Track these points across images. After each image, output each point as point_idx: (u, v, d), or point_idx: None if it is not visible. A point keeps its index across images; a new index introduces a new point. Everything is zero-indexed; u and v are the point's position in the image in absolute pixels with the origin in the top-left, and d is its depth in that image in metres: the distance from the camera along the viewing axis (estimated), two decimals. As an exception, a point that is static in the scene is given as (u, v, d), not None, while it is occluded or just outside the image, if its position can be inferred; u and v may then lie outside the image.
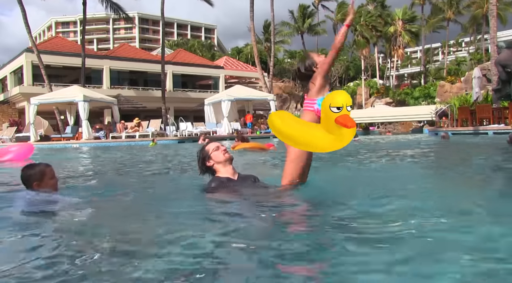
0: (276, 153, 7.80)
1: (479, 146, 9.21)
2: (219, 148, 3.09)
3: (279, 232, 2.04)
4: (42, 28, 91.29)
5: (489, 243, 1.71)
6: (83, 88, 22.09)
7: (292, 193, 2.91)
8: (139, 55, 35.40)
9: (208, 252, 1.70)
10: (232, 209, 2.59)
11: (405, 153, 7.41)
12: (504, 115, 14.56)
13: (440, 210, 2.31)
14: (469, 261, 1.47)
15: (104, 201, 3.15)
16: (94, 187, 4.17)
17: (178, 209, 2.68)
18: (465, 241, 1.74)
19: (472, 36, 52.58)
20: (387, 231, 1.91)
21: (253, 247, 1.76)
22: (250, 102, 25.28)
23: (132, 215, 2.61)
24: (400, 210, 2.36)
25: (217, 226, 2.18)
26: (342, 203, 2.63)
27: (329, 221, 2.21)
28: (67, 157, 10.46)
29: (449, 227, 1.97)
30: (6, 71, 32.13)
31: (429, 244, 1.70)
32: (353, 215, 2.32)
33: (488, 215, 2.25)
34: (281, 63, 54.57)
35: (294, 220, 2.35)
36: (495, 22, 17.54)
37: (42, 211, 2.62)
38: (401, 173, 4.51)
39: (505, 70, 12.43)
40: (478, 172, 4.41)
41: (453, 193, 3.00)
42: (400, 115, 26.82)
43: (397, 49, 42.68)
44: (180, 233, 2.01)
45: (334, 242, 1.79)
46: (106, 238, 1.98)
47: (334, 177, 4.13)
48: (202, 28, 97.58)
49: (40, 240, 2.01)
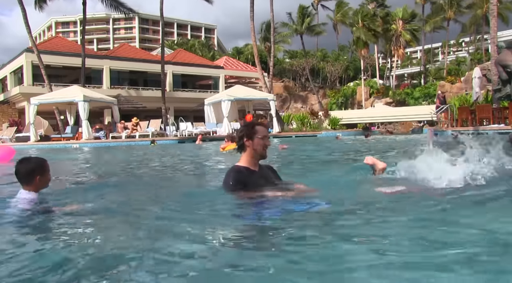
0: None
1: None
2: (265, 138, 2.97)
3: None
4: (42, 28, 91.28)
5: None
6: (83, 88, 22.08)
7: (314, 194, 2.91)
8: (139, 55, 35.41)
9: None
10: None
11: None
12: (504, 115, 14.56)
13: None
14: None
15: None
16: (111, 186, 4.19)
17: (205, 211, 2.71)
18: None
19: (472, 36, 52.57)
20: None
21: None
22: (250, 102, 25.27)
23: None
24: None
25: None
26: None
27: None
28: (70, 157, 10.48)
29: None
30: (6, 71, 32.12)
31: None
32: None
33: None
34: (281, 63, 54.55)
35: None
36: (496, 22, 17.52)
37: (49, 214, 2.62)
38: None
39: (505, 70, 12.44)
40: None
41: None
42: (400, 115, 26.82)
43: (397, 49, 42.63)
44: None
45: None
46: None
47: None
48: (202, 28, 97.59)
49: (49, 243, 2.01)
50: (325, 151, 9.52)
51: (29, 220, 2.51)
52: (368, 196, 2.83)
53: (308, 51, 50.34)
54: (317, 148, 10.87)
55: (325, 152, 9.25)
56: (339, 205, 2.61)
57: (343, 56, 59.93)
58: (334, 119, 25.24)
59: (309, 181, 3.47)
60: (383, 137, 15.41)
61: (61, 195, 3.38)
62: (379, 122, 28.82)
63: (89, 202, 3.06)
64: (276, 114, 23.03)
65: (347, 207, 2.58)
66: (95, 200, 3.22)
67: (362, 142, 12.34)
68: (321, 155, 8.34)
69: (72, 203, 2.96)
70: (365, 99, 38.31)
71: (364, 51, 42.14)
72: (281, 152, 9.34)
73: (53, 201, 2.99)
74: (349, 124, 26.89)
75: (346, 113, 28.63)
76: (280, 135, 21.04)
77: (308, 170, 5.43)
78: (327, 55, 58.04)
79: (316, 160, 7.39)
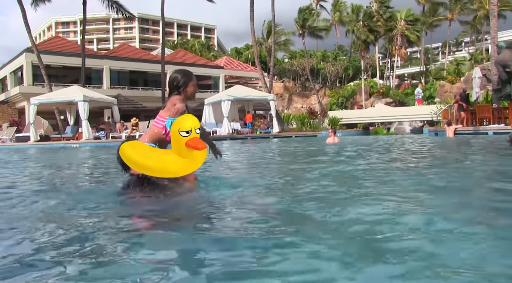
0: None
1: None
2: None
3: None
4: (42, 28, 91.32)
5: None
6: (83, 88, 22.08)
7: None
8: (139, 55, 35.40)
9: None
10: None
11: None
12: (504, 115, 14.57)
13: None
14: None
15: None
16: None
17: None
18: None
19: (472, 36, 52.59)
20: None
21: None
22: (250, 102, 25.28)
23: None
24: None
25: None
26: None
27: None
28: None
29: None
30: (6, 71, 32.13)
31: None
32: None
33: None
34: (281, 63, 54.60)
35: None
36: (496, 22, 17.51)
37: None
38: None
39: (505, 70, 12.44)
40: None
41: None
42: (400, 115, 26.81)
43: (398, 49, 42.66)
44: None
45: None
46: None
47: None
48: (202, 28, 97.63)
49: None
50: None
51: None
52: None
53: (307, 51, 50.36)
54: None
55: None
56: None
57: (343, 56, 59.94)
58: (334, 119, 25.25)
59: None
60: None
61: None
62: (379, 122, 28.82)
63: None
64: (276, 114, 23.04)
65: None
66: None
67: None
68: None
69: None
70: (365, 99, 38.32)
71: (363, 51, 42.18)
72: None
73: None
74: (349, 124, 26.91)
75: (346, 113, 28.63)
76: (280, 135, 21.04)
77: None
78: (326, 55, 58.07)
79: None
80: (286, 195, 3.07)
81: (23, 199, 3.15)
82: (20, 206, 2.89)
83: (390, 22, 42.78)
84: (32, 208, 2.82)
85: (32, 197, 3.27)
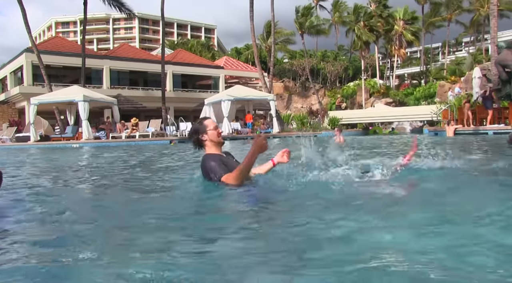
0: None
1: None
2: (216, 128, 3.22)
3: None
4: (42, 28, 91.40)
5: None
6: (83, 88, 22.07)
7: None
8: (139, 55, 35.41)
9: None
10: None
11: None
12: (504, 115, 14.59)
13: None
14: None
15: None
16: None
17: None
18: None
19: (472, 36, 52.61)
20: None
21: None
22: (250, 102, 25.29)
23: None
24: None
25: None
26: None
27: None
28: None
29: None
30: (6, 71, 32.14)
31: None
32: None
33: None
34: (281, 63, 54.60)
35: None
36: (496, 22, 17.51)
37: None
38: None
39: (505, 70, 12.45)
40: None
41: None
42: (400, 115, 26.83)
43: (398, 49, 42.69)
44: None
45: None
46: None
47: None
48: (202, 28, 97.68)
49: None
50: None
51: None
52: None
53: (307, 51, 50.38)
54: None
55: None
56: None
57: (343, 56, 59.95)
58: (334, 119, 25.26)
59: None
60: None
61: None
62: (379, 122, 28.84)
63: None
64: (276, 114, 23.05)
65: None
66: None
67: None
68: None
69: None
70: (365, 99, 38.33)
71: (364, 51, 42.22)
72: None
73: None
74: (349, 124, 26.93)
75: (346, 113, 28.64)
76: (280, 135, 21.05)
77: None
78: (326, 55, 58.07)
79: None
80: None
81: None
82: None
83: (389, 22, 42.83)
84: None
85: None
